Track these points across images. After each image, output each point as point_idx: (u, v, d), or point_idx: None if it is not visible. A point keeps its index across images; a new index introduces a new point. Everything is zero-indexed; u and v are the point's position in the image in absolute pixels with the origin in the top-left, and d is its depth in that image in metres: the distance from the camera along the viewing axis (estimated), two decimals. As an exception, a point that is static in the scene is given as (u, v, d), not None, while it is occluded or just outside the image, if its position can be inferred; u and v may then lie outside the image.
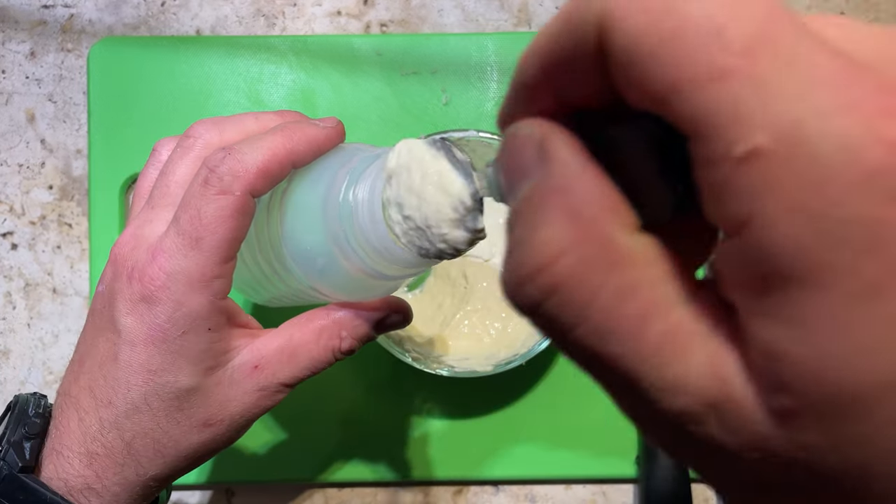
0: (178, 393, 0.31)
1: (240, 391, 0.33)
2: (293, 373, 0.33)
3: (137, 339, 0.31)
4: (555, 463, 0.48)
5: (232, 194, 0.30)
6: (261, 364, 0.33)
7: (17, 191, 0.50)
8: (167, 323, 0.30)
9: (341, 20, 0.51)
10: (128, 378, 0.31)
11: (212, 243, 0.30)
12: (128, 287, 0.31)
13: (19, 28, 0.50)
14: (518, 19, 0.51)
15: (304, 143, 0.31)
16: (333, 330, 0.34)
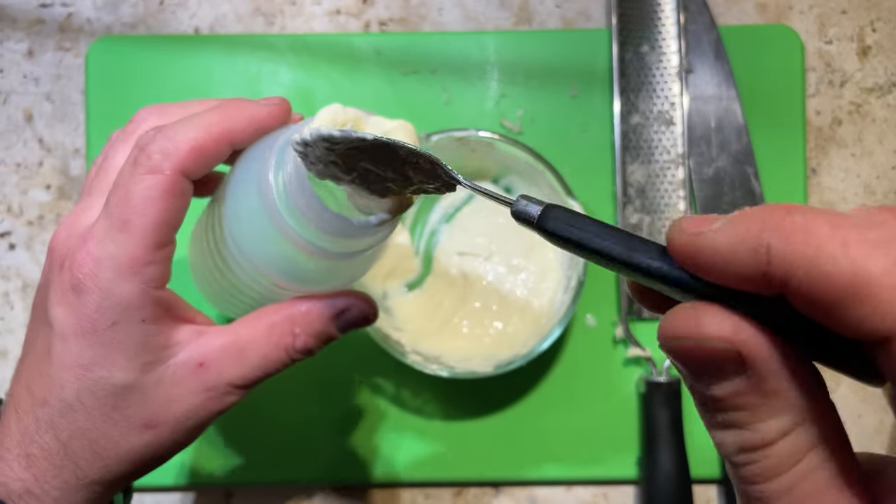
0: (112, 390, 0.29)
1: (184, 390, 0.30)
2: (242, 373, 0.31)
3: (68, 332, 0.29)
4: (555, 464, 0.48)
5: (161, 173, 0.28)
6: (206, 361, 0.30)
7: (15, 190, 0.50)
8: (96, 313, 0.28)
9: (340, 18, 0.50)
10: (60, 374, 0.29)
11: (141, 226, 0.28)
12: (59, 276, 0.29)
13: (17, 27, 0.50)
14: (518, 17, 0.50)
15: (243, 121, 0.30)
16: (285, 326, 0.32)
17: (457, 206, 0.48)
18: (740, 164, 0.48)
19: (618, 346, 0.48)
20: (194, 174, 0.29)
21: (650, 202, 0.48)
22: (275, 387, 0.48)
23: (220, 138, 0.29)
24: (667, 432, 0.46)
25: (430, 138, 0.43)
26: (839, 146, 0.50)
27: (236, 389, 0.31)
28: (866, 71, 0.50)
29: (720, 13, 0.50)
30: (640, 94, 0.48)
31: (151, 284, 0.29)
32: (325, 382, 0.48)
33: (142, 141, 0.29)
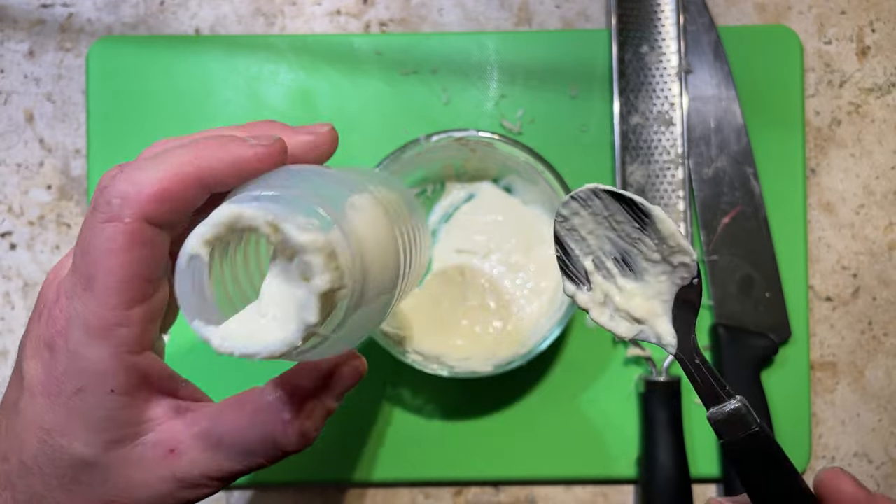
0: (71, 461, 0.26)
1: (151, 477, 0.27)
2: (220, 465, 0.28)
3: (36, 390, 0.26)
4: (555, 463, 0.48)
5: (121, 221, 0.24)
6: (178, 449, 0.27)
7: (16, 191, 0.50)
8: (63, 375, 0.26)
9: (341, 19, 0.51)
10: (22, 433, 0.27)
11: (105, 283, 0.25)
12: (36, 327, 0.27)
13: (18, 27, 0.50)
14: (518, 18, 0.50)
15: (223, 163, 0.25)
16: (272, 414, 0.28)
17: (456, 205, 0.48)
18: (739, 164, 0.48)
19: (617, 345, 0.48)
20: (162, 220, 0.25)
21: (650, 201, 0.48)
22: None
23: (190, 181, 0.25)
24: (666, 432, 0.46)
25: (430, 139, 0.43)
26: (838, 146, 0.50)
27: (214, 482, 0.28)
28: (865, 71, 0.50)
29: (719, 14, 0.50)
30: (639, 95, 0.48)
31: (124, 349, 0.25)
32: (325, 382, 0.48)
33: (102, 182, 0.25)
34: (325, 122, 0.29)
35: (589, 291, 0.29)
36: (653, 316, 0.28)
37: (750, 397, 0.46)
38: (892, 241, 0.50)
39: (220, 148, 0.26)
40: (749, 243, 0.48)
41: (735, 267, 0.48)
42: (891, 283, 0.49)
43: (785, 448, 0.48)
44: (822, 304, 0.49)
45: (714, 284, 0.48)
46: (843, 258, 0.49)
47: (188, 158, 0.25)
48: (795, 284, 0.48)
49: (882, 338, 0.49)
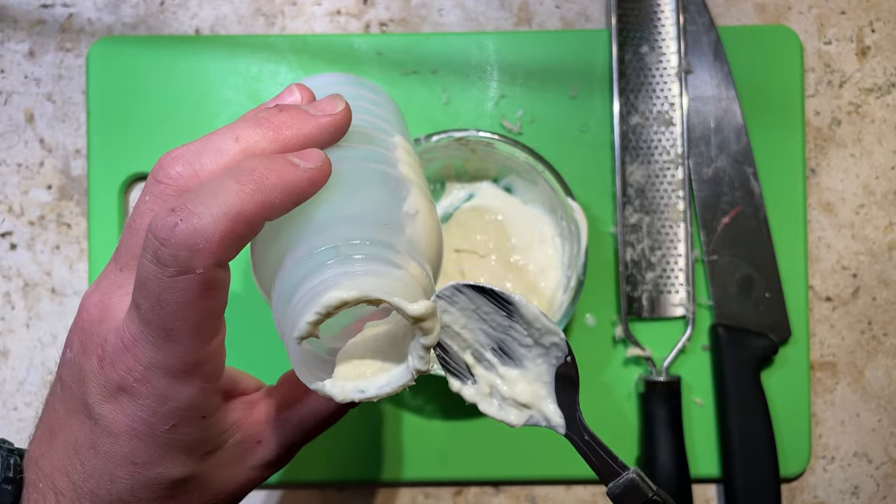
0: (170, 484, 0.27)
1: (242, 469, 0.29)
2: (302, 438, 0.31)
3: (119, 432, 0.26)
4: (555, 463, 0.48)
5: (193, 272, 0.24)
6: (265, 439, 0.30)
7: (16, 191, 0.50)
8: (152, 417, 0.26)
9: (341, 19, 0.51)
10: (111, 470, 0.27)
11: (185, 331, 0.25)
12: (100, 371, 0.26)
13: (18, 27, 0.50)
14: (518, 18, 0.51)
15: (281, 193, 0.25)
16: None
17: (456, 205, 0.48)
18: (739, 164, 0.48)
19: (617, 345, 0.48)
20: (229, 259, 0.25)
21: (649, 202, 0.48)
22: (275, 386, 0.48)
23: (254, 218, 0.24)
24: (666, 432, 0.46)
25: (430, 139, 0.43)
26: (838, 146, 0.50)
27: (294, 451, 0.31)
28: (865, 71, 0.50)
29: (719, 14, 0.50)
30: (639, 95, 0.48)
31: (210, 381, 0.27)
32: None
33: (160, 232, 0.24)
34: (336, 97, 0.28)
35: (474, 385, 0.29)
36: (538, 399, 0.29)
37: (750, 397, 0.46)
38: (892, 241, 0.50)
39: (274, 177, 0.25)
40: (749, 243, 0.48)
41: (735, 267, 0.48)
42: (891, 283, 0.49)
43: (785, 448, 0.48)
44: (822, 304, 0.49)
45: (714, 284, 0.48)
46: (843, 258, 0.49)
47: (247, 195, 0.24)
48: (795, 284, 0.48)
49: (882, 338, 0.49)
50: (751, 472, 0.46)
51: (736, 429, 0.46)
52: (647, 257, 0.48)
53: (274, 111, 0.28)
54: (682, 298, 0.48)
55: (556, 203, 0.45)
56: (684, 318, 0.48)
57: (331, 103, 0.28)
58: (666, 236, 0.48)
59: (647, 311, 0.48)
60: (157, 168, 0.27)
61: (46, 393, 0.30)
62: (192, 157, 0.26)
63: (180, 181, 0.26)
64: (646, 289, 0.48)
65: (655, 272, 0.48)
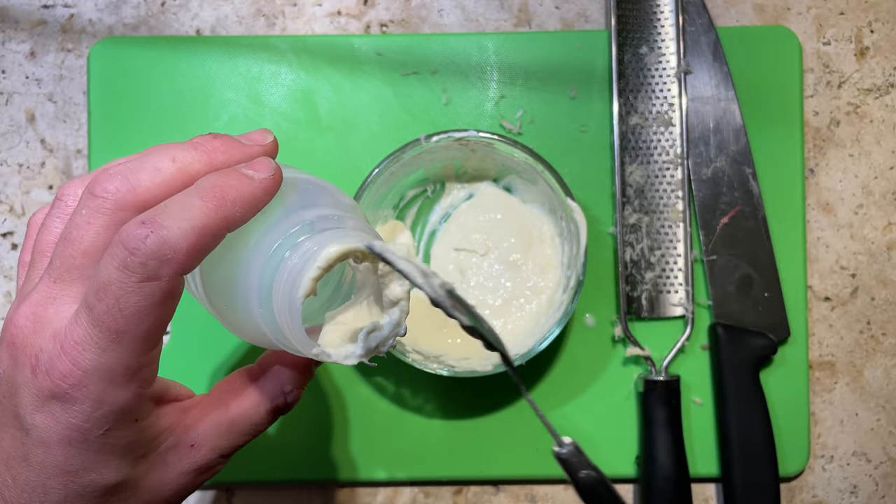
0: (104, 489, 0.28)
1: (175, 473, 0.30)
2: (234, 442, 0.31)
3: (51, 441, 0.27)
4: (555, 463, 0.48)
5: (159, 280, 0.25)
6: (197, 442, 0.30)
7: (17, 191, 0.50)
8: (86, 423, 0.26)
9: (341, 20, 0.51)
10: (44, 481, 0.27)
11: (135, 335, 0.26)
12: (33, 381, 0.26)
13: (19, 28, 0.50)
14: (518, 19, 0.51)
15: (240, 206, 0.27)
16: (276, 389, 0.32)
17: (455, 205, 0.48)
18: (738, 164, 0.48)
19: (617, 345, 0.48)
20: (190, 270, 0.27)
21: (649, 202, 0.48)
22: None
23: (218, 230, 0.26)
24: (665, 431, 0.46)
25: (430, 139, 0.43)
26: (837, 147, 0.50)
27: (225, 459, 0.31)
28: (864, 72, 0.50)
29: (718, 14, 0.50)
30: (638, 95, 0.48)
31: (146, 386, 0.27)
32: (325, 382, 0.48)
33: (131, 242, 0.25)
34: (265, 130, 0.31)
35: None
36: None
37: (749, 397, 0.46)
38: (891, 241, 0.50)
39: (233, 192, 0.27)
40: (748, 243, 0.48)
41: (734, 267, 0.48)
42: (889, 282, 0.50)
43: (784, 448, 0.48)
44: (821, 303, 0.49)
45: (713, 284, 0.48)
46: (842, 258, 0.50)
47: (211, 209, 0.26)
48: (794, 284, 0.48)
49: (880, 337, 0.49)
50: (750, 471, 0.46)
51: (735, 428, 0.46)
52: (646, 257, 0.48)
53: (208, 137, 0.30)
54: (681, 298, 0.48)
55: (556, 203, 0.45)
56: (683, 318, 0.48)
57: (261, 135, 0.30)
58: (665, 236, 0.48)
59: (647, 311, 0.48)
60: (94, 183, 0.27)
61: None
62: (130, 174, 0.27)
63: (118, 196, 0.27)
64: (645, 288, 0.48)
65: (655, 272, 0.48)
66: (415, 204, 0.48)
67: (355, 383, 0.48)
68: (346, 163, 0.48)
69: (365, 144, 0.49)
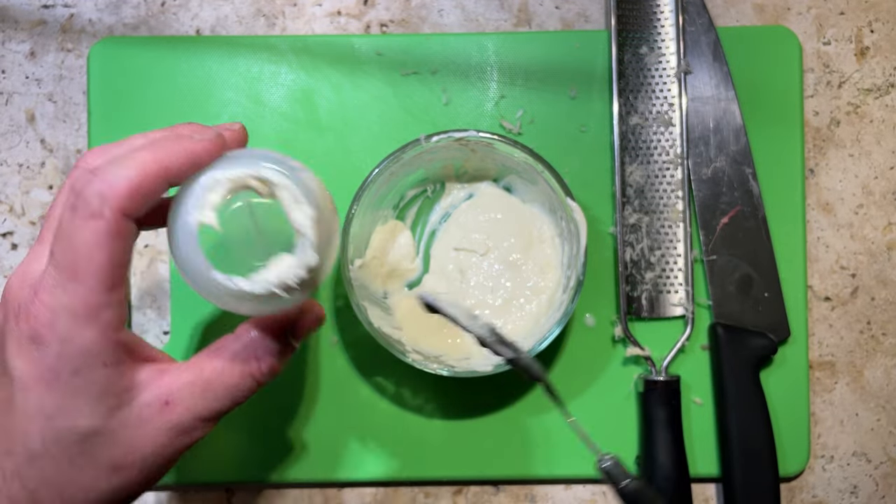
0: (78, 436, 0.29)
1: (150, 430, 0.31)
2: (210, 405, 0.32)
3: (30, 383, 0.29)
4: (555, 463, 0.48)
5: (102, 217, 0.28)
6: (172, 399, 0.31)
7: (17, 191, 0.50)
8: (57, 362, 0.28)
9: (341, 20, 0.51)
10: (24, 425, 0.29)
11: (90, 272, 0.28)
12: (16, 328, 0.29)
13: (19, 28, 0.50)
14: (518, 19, 0.51)
15: (179, 157, 0.29)
16: (248, 353, 0.33)
17: (455, 205, 0.48)
18: (738, 164, 0.48)
19: (616, 345, 0.48)
20: (135, 213, 0.29)
21: (649, 202, 0.48)
22: (276, 387, 0.48)
23: (155, 176, 0.29)
24: (665, 431, 0.46)
25: (430, 139, 0.43)
26: (837, 147, 0.50)
27: (204, 423, 0.32)
28: (864, 72, 0.50)
29: (718, 14, 0.50)
30: (638, 95, 0.48)
31: (110, 328, 0.29)
32: (325, 382, 0.48)
33: (77, 185, 0.28)
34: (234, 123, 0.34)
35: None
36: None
37: (749, 397, 0.46)
38: (891, 241, 0.50)
39: (176, 144, 0.30)
40: (748, 243, 0.48)
41: (734, 267, 0.48)
42: (889, 282, 0.50)
43: (784, 448, 0.48)
44: (821, 303, 0.49)
45: (713, 284, 0.48)
46: (842, 258, 0.50)
47: (151, 157, 0.29)
48: (794, 284, 0.48)
49: (881, 337, 0.49)
50: (750, 471, 0.46)
51: (735, 428, 0.46)
52: (646, 257, 0.48)
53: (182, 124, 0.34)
54: (681, 298, 0.48)
55: (556, 203, 0.45)
56: (683, 318, 0.48)
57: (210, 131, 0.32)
58: (665, 236, 0.48)
59: (647, 311, 0.48)
60: (78, 160, 0.32)
61: None
62: (105, 149, 0.31)
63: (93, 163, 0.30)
64: (645, 288, 0.48)
65: (655, 272, 0.48)
66: (415, 204, 0.48)
67: (355, 383, 0.48)
68: (346, 163, 0.48)
69: (365, 144, 0.49)
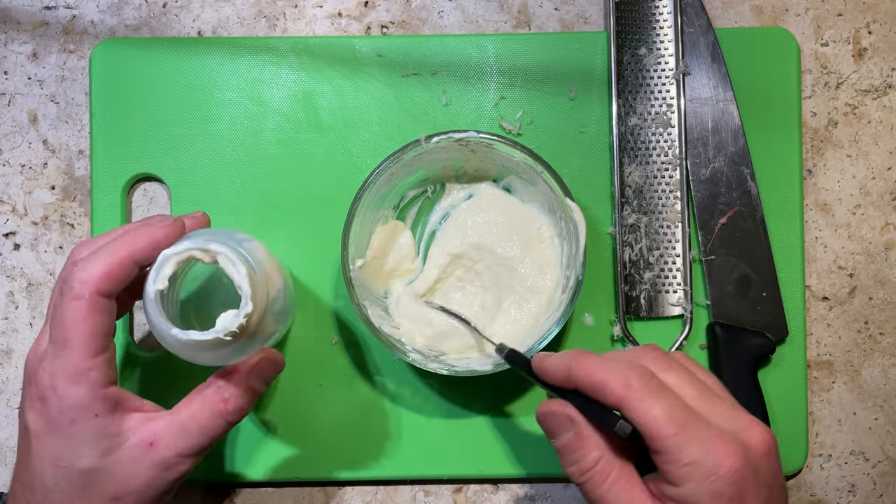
0: (80, 473, 0.36)
1: (140, 467, 0.37)
2: (188, 442, 0.38)
3: (40, 432, 0.37)
4: (554, 461, 0.48)
5: (82, 298, 0.35)
6: (155, 440, 0.37)
7: (20, 191, 0.50)
8: (58, 415, 0.36)
9: (342, 22, 0.51)
10: (40, 466, 0.37)
11: (76, 342, 0.35)
12: (28, 389, 0.37)
13: (21, 29, 0.51)
14: (517, 21, 0.51)
15: (144, 244, 0.37)
16: (216, 397, 0.39)
17: (455, 205, 0.49)
18: (737, 165, 0.48)
19: (615, 344, 0.48)
20: (110, 292, 0.36)
21: (647, 203, 0.48)
22: (276, 387, 0.48)
23: (124, 261, 0.36)
24: (664, 430, 0.46)
25: (430, 140, 0.44)
26: (835, 147, 0.50)
27: (186, 459, 0.38)
28: (862, 73, 0.50)
29: (717, 16, 0.50)
30: (637, 97, 0.48)
31: (97, 385, 0.36)
32: (325, 382, 0.48)
33: (64, 273, 0.37)
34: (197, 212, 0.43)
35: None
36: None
37: (747, 396, 0.47)
38: (888, 241, 0.50)
39: (143, 235, 0.37)
40: (746, 243, 0.48)
41: (732, 267, 0.48)
42: (887, 282, 0.50)
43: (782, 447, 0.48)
44: (819, 303, 0.50)
45: (711, 284, 0.48)
46: (840, 258, 0.50)
47: (121, 246, 0.37)
48: (792, 284, 0.48)
49: (878, 337, 0.50)
50: (748, 470, 0.46)
51: (733, 427, 0.46)
52: (644, 257, 0.48)
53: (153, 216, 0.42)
54: (679, 298, 0.48)
55: (555, 203, 0.45)
56: (682, 318, 0.48)
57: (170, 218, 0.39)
58: (664, 236, 0.48)
59: (645, 311, 0.48)
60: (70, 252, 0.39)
61: None
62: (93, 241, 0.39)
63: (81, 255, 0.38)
64: (644, 288, 0.48)
65: (653, 272, 0.48)
66: (415, 204, 0.49)
67: (355, 383, 0.48)
68: (347, 163, 0.49)
69: (365, 145, 0.49)
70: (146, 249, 0.37)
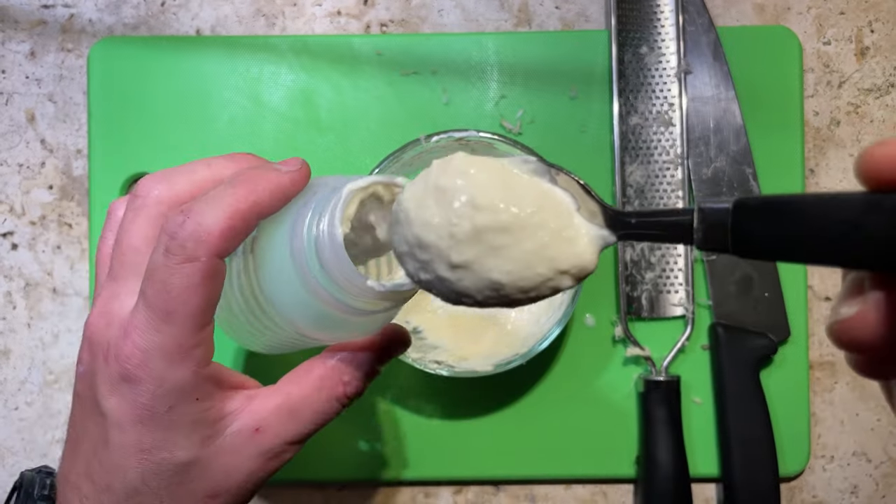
0: (176, 468, 0.30)
1: (243, 457, 0.31)
2: (297, 430, 0.32)
3: (124, 421, 0.29)
4: (555, 463, 0.48)
5: (198, 260, 0.28)
6: (262, 426, 0.31)
7: (18, 191, 0.50)
8: (151, 401, 0.29)
9: (341, 20, 0.51)
10: (122, 461, 0.30)
11: (184, 314, 0.28)
12: (105, 368, 0.30)
13: (19, 28, 0.50)
14: (518, 19, 0.51)
15: (269, 193, 0.29)
16: (335, 377, 0.33)
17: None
18: (738, 164, 0.48)
19: (617, 345, 0.48)
20: (228, 253, 0.29)
21: (649, 202, 0.48)
22: (276, 386, 0.48)
23: (249, 215, 0.29)
24: (665, 431, 0.46)
25: (430, 139, 0.43)
26: (837, 147, 0.50)
27: (292, 447, 0.32)
28: (864, 72, 0.50)
29: (718, 14, 0.50)
30: (638, 95, 0.48)
31: (201, 365, 0.29)
32: (325, 381, 0.48)
33: (170, 228, 0.28)
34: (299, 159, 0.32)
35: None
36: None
37: (749, 397, 0.46)
38: (891, 241, 0.50)
39: (266, 180, 0.29)
40: (748, 243, 0.48)
41: (734, 266, 0.48)
42: (889, 282, 0.50)
43: (784, 447, 0.48)
44: (821, 303, 0.49)
45: (713, 284, 0.48)
46: (842, 258, 0.50)
47: (242, 195, 0.29)
48: (794, 284, 0.48)
49: (881, 337, 0.49)
50: (750, 471, 0.46)
51: (735, 428, 0.46)
52: (646, 257, 0.48)
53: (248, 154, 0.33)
54: (681, 298, 0.48)
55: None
56: (684, 318, 0.48)
57: (294, 162, 0.31)
58: (665, 236, 0.48)
59: (647, 311, 0.48)
60: (137, 187, 0.31)
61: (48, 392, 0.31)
62: (167, 176, 0.31)
63: (156, 194, 0.31)
64: (645, 288, 0.48)
65: (655, 272, 0.48)
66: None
67: (355, 383, 0.48)
68: (347, 163, 0.48)
69: (365, 144, 0.49)
70: (272, 201, 0.30)
